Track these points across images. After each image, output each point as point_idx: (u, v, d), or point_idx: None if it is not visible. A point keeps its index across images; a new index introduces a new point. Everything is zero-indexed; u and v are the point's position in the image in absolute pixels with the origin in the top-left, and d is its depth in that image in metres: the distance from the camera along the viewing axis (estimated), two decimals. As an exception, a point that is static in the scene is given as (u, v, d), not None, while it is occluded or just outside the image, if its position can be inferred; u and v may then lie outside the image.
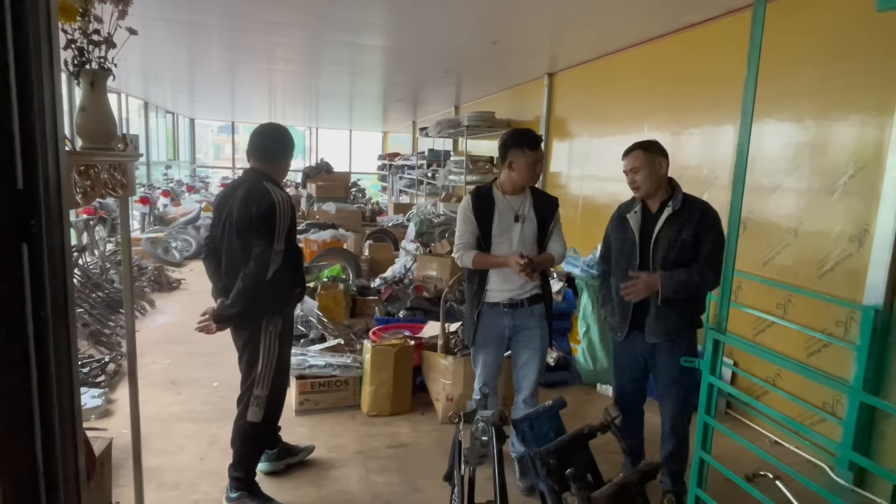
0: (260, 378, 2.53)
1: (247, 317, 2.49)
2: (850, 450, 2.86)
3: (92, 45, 1.60)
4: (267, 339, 2.52)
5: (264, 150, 2.58)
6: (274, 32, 5.51)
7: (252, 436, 2.61)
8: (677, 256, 2.49)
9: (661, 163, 2.54)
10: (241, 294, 2.40)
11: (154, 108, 12.68)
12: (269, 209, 2.40)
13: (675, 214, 2.51)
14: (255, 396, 2.54)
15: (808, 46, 3.33)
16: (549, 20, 4.54)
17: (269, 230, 2.39)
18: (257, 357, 2.52)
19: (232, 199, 2.49)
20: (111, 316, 5.04)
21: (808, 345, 3.28)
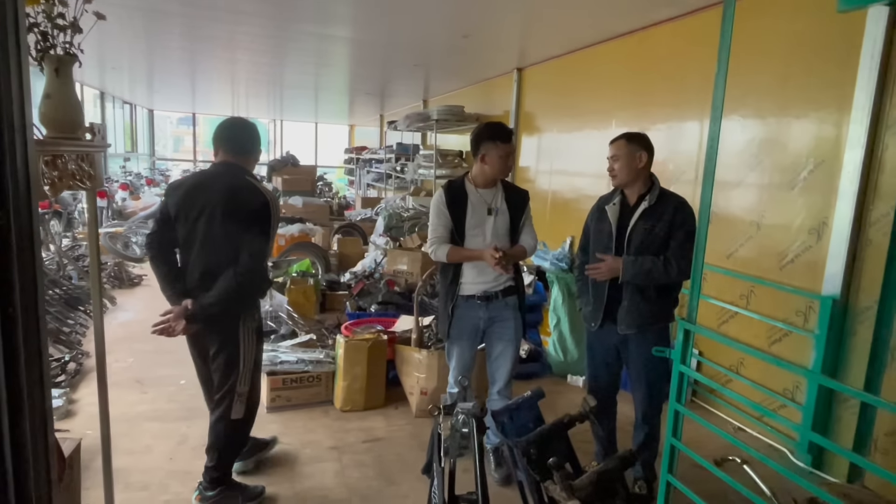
0: (242, 375, 2.50)
1: (227, 314, 2.43)
2: (810, 430, 2.98)
3: (56, 29, 1.53)
4: (246, 336, 2.49)
5: (240, 144, 2.53)
6: (237, 21, 5.37)
7: (237, 433, 2.60)
8: (650, 251, 2.55)
9: (640, 156, 2.59)
10: (231, 291, 2.34)
11: (111, 98, 12.24)
12: (264, 207, 2.39)
13: (651, 209, 2.56)
14: (238, 394, 2.51)
15: (769, 45, 3.43)
16: (520, 14, 4.56)
17: (265, 228, 2.38)
18: (237, 354, 2.47)
19: (210, 192, 2.40)
20: (69, 313, 4.86)
21: (770, 334, 3.40)
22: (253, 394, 2.61)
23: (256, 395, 2.69)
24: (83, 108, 1.68)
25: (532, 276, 4.97)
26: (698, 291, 2.27)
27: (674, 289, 2.68)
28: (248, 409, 2.58)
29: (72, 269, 5.78)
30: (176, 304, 2.43)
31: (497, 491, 2.80)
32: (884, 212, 2.74)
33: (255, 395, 2.65)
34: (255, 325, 2.56)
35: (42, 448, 1.24)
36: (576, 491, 1.41)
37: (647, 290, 2.58)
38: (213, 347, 2.51)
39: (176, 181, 2.65)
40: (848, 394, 2.85)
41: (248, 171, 2.53)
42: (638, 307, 2.60)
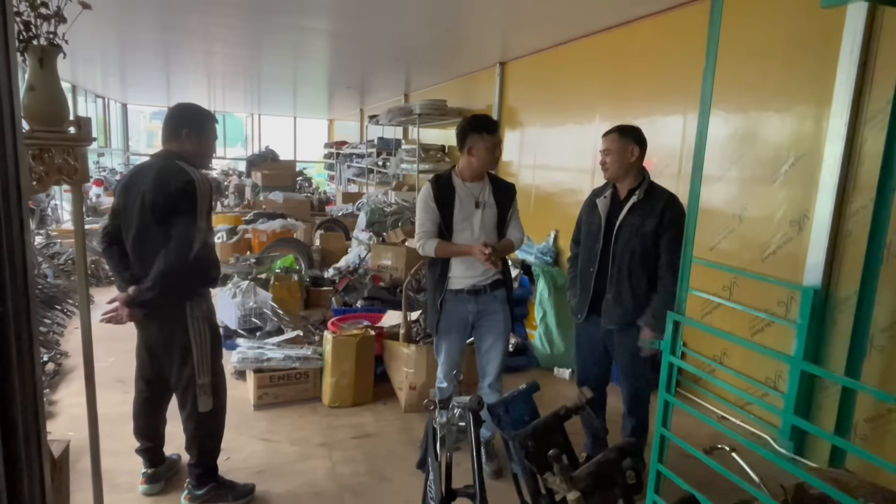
0: (199, 366, 2.44)
1: (169, 302, 2.37)
2: (793, 415, 3.05)
3: (40, 18, 1.48)
4: (196, 325, 2.43)
5: (174, 129, 2.44)
6: (212, 12, 5.25)
7: (207, 425, 2.54)
8: (637, 247, 2.57)
9: (632, 150, 2.60)
10: (164, 275, 2.28)
11: (83, 91, 11.92)
12: (187, 185, 2.30)
13: (639, 204, 2.58)
14: (199, 386, 2.46)
15: (751, 40, 3.48)
16: (502, 9, 4.55)
17: (191, 207, 2.30)
18: (189, 345, 2.42)
19: (143, 182, 2.36)
20: (46, 313, 4.74)
21: (753, 324, 3.47)
22: (218, 382, 2.55)
23: (222, 383, 2.61)
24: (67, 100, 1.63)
25: (518, 270, 4.99)
26: (687, 284, 2.30)
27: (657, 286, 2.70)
28: (216, 398, 2.53)
29: (47, 268, 5.63)
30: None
31: (490, 484, 2.81)
32: (863, 204, 2.81)
33: (220, 382, 2.59)
34: (205, 314, 2.49)
35: (35, 450, 1.21)
36: (576, 482, 1.43)
37: (632, 286, 2.60)
38: (164, 340, 2.46)
39: (124, 174, 2.65)
40: (831, 379, 2.92)
41: (182, 155, 2.42)
42: (621, 303, 2.62)
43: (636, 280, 2.60)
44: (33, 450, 1.21)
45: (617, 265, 2.63)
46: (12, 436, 1.15)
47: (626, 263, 2.60)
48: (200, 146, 2.48)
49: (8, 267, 1.13)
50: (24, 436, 1.18)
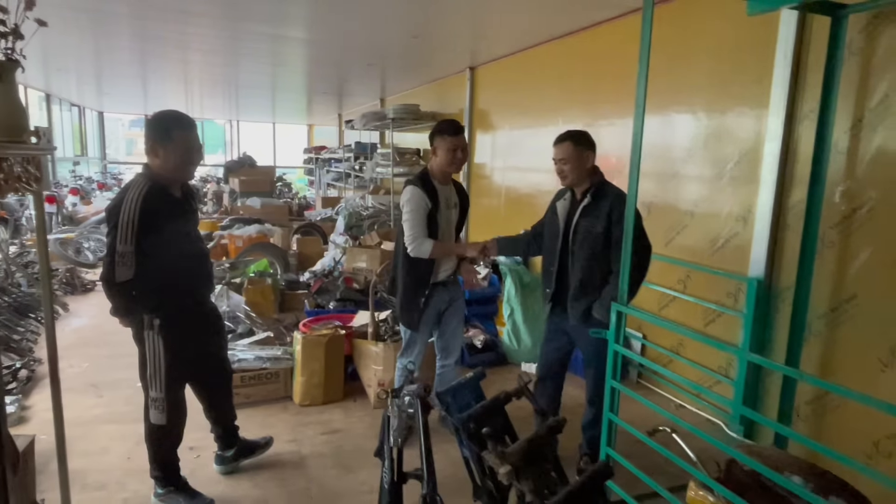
0: (151, 380, 2.44)
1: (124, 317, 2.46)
2: (741, 405, 3.21)
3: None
4: (149, 341, 2.41)
5: (146, 142, 2.40)
6: (187, 22, 5.33)
7: (157, 437, 2.54)
8: (590, 248, 2.68)
9: (588, 156, 2.72)
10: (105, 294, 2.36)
11: (58, 100, 11.87)
12: (115, 206, 2.27)
13: (590, 206, 2.71)
14: (151, 399, 2.46)
15: (698, 45, 3.66)
16: (467, 15, 4.69)
17: (112, 229, 2.26)
18: (145, 358, 2.44)
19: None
20: (20, 321, 4.77)
21: (705, 315, 3.63)
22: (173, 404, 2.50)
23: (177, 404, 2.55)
24: (27, 111, 1.72)
25: (487, 269, 5.12)
26: (628, 274, 2.44)
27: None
28: (168, 417, 2.48)
29: (21, 277, 5.65)
30: None
31: (448, 468, 2.92)
32: (799, 198, 2.97)
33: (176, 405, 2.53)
34: (161, 329, 2.40)
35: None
36: (508, 457, 1.55)
37: (590, 283, 2.72)
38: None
39: None
40: (771, 368, 3.08)
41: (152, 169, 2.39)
42: (580, 299, 2.74)
43: (591, 279, 2.71)
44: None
45: (575, 264, 2.76)
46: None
47: (582, 263, 2.73)
48: (170, 157, 2.35)
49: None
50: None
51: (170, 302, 2.44)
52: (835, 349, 2.88)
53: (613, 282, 2.65)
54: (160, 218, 2.32)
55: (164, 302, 2.42)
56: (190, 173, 2.53)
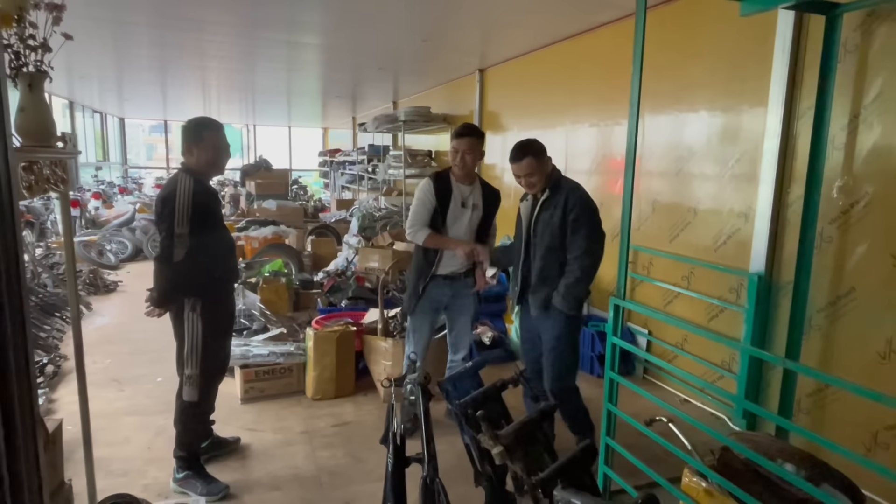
0: (188, 358, 2.67)
1: (169, 299, 2.64)
2: (744, 399, 3.26)
3: (28, 49, 1.71)
4: (189, 321, 2.65)
5: (183, 144, 2.70)
6: (205, 31, 5.52)
7: (189, 414, 2.75)
8: (548, 239, 2.77)
9: (547, 162, 2.84)
10: (154, 276, 2.62)
11: (80, 107, 12.21)
12: (169, 195, 2.54)
13: (547, 200, 2.80)
14: (186, 376, 2.68)
15: (698, 44, 3.72)
16: (475, 19, 4.79)
17: (169, 214, 2.52)
18: (183, 337, 2.67)
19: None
20: (46, 320, 4.96)
21: (708, 311, 3.68)
22: (206, 381, 2.75)
23: (211, 384, 2.81)
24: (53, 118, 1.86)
25: (496, 269, 5.20)
26: (625, 269, 2.52)
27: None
28: (200, 394, 2.72)
29: (47, 277, 5.87)
30: None
31: (454, 458, 3.01)
32: (798, 194, 3.02)
33: (209, 383, 2.78)
34: (202, 311, 2.66)
35: (28, 414, 1.43)
36: (501, 438, 1.64)
37: (548, 274, 2.80)
38: (173, 332, 2.73)
39: None
40: (772, 362, 3.13)
41: (190, 167, 2.65)
42: (540, 290, 2.83)
43: (550, 269, 2.80)
44: (27, 415, 1.43)
45: (535, 256, 2.87)
46: (9, 407, 1.38)
47: (542, 255, 2.83)
48: (202, 155, 2.65)
49: (3, 262, 1.36)
50: (19, 405, 1.41)
51: (209, 287, 2.71)
52: (834, 342, 2.92)
53: (569, 270, 2.74)
54: (206, 205, 2.65)
55: (205, 286, 2.68)
56: (220, 168, 2.80)
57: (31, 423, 1.48)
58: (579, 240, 2.70)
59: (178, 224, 2.51)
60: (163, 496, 2.74)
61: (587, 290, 2.82)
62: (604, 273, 4.72)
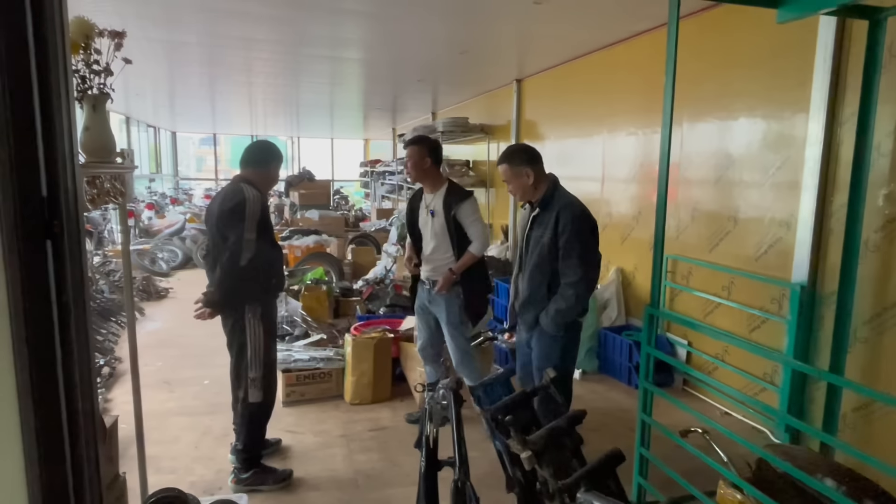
0: (252, 361, 2.81)
1: (230, 303, 2.77)
2: (786, 414, 3.17)
3: (93, 73, 1.87)
4: (251, 325, 2.80)
5: (246, 159, 2.92)
6: (252, 49, 5.77)
7: (258, 415, 2.91)
8: (538, 261, 2.69)
9: (527, 173, 2.70)
10: (220, 280, 2.74)
11: (136, 122, 12.83)
12: (239, 203, 2.72)
13: (538, 216, 2.73)
14: (251, 379, 2.82)
15: (737, 51, 3.67)
16: (512, 30, 4.85)
17: (239, 220, 2.69)
18: (245, 342, 2.80)
19: (214, 201, 2.87)
20: (103, 324, 5.24)
21: (750, 322, 3.61)
22: (268, 381, 2.92)
23: (272, 383, 2.99)
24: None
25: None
26: (659, 279, 2.52)
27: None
28: (264, 394, 2.88)
29: (104, 284, 6.19)
30: None
31: (487, 465, 3.04)
32: (842, 202, 2.94)
33: (270, 382, 2.95)
34: (262, 316, 2.83)
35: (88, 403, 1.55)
36: (529, 443, 1.67)
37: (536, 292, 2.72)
38: (228, 336, 2.87)
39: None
40: (815, 375, 3.04)
41: (249, 179, 2.85)
42: (527, 309, 2.78)
43: (537, 290, 2.72)
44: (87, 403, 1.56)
45: (525, 274, 2.80)
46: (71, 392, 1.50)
47: (529, 274, 2.75)
48: (263, 178, 2.93)
49: (69, 266, 1.49)
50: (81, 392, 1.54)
51: (267, 294, 2.91)
52: (881, 355, 2.83)
53: (560, 293, 2.62)
54: (266, 216, 2.87)
55: (264, 293, 2.88)
56: (272, 186, 3.17)
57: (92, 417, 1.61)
58: (572, 265, 2.57)
59: (247, 230, 2.69)
60: (208, 493, 2.86)
61: (575, 315, 2.68)
62: (641, 282, 4.70)
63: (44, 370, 1.40)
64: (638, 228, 4.76)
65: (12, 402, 1.35)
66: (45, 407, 1.40)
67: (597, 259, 2.70)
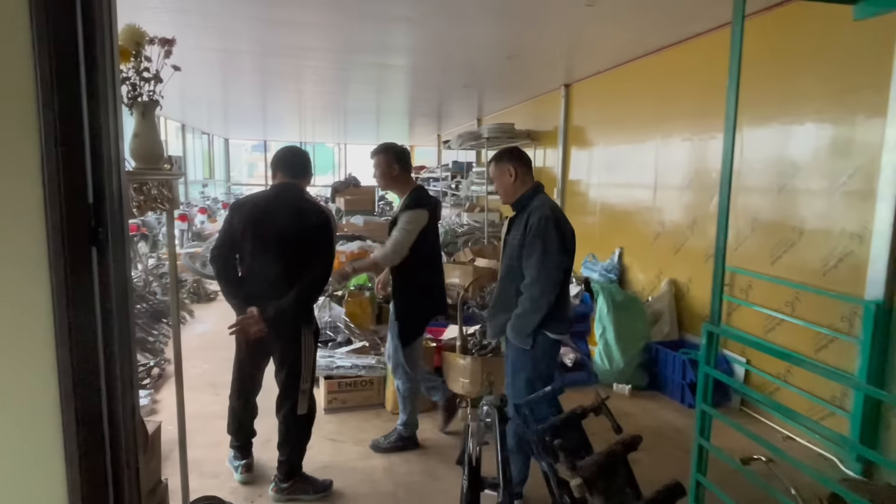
0: (305, 373, 2.79)
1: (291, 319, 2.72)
2: (857, 442, 2.93)
3: (143, 80, 1.88)
4: (305, 340, 2.78)
5: (300, 167, 2.88)
6: (302, 57, 5.86)
7: (306, 426, 2.89)
8: (508, 264, 2.59)
9: (509, 170, 2.61)
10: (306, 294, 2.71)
11: (191, 129, 13.30)
12: (325, 220, 2.75)
13: (514, 219, 2.64)
14: (302, 391, 2.79)
15: (805, 52, 3.45)
16: (562, 34, 4.74)
17: (332, 238, 2.75)
18: (300, 354, 2.77)
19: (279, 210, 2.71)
20: (154, 325, 5.39)
21: (816, 340, 3.36)
22: (313, 392, 2.90)
23: (313, 395, 2.95)
24: (167, 140, 2.03)
25: (579, 287, 5.06)
26: (720, 293, 2.35)
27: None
28: (309, 405, 2.86)
29: (156, 286, 6.38)
30: (241, 311, 2.72)
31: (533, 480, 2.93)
32: (925, 214, 2.71)
33: (313, 393, 2.93)
34: (313, 329, 2.84)
35: (130, 408, 1.54)
36: (580, 469, 1.57)
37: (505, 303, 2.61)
38: (277, 352, 2.82)
39: (239, 200, 2.94)
40: (890, 402, 2.80)
41: (305, 190, 2.88)
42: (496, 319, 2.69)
43: (506, 294, 2.62)
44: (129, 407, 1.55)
45: (499, 278, 2.72)
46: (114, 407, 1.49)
47: (501, 277, 2.67)
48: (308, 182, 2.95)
49: (114, 273, 1.48)
50: (123, 408, 1.53)
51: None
52: (970, 382, 2.57)
53: (520, 300, 2.51)
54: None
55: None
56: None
57: (133, 427, 1.59)
58: (530, 267, 2.46)
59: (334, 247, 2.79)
60: (248, 500, 2.86)
61: (536, 323, 2.47)
62: (696, 295, 4.48)
63: (86, 380, 1.39)
64: (693, 238, 4.54)
65: (55, 412, 1.34)
66: (86, 416, 1.39)
67: (554, 265, 2.46)
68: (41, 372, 1.32)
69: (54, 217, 1.32)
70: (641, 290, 5.17)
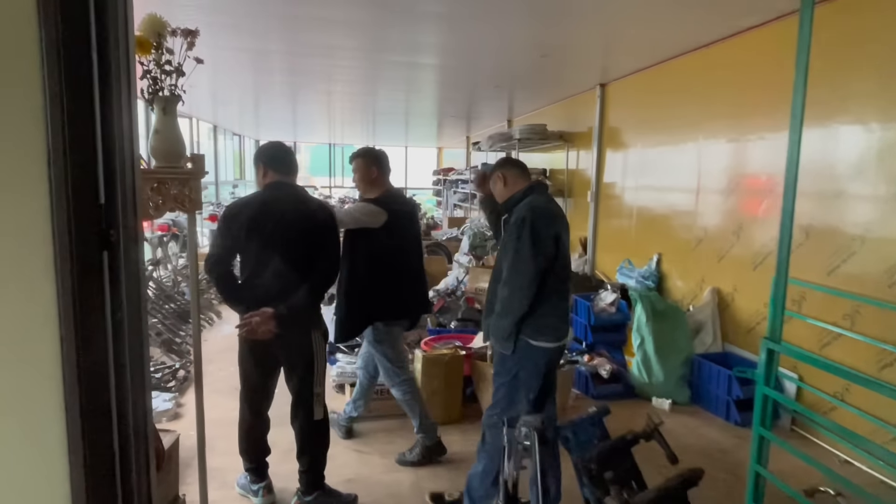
0: (318, 378, 2.69)
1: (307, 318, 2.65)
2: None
3: (164, 74, 1.78)
4: (316, 344, 2.69)
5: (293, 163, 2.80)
6: (333, 56, 5.77)
7: (325, 432, 2.79)
8: (497, 266, 2.58)
9: (500, 177, 2.66)
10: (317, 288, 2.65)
11: (222, 130, 13.42)
12: (331, 217, 2.73)
13: (506, 220, 2.62)
14: (316, 395, 2.69)
15: (867, 47, 3.20)
16: (598, 32, 4.55)
17: (335, 234, 2.71)
18: (313, 358, 2.67)
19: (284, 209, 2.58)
20: (182, 326, 5.36)
21: (880, 357, 3.11)
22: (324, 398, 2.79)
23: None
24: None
25: (615, 295, 4.85)
26: (782, 308, 2.15)
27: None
28: (324, 411, 2.76)
29: (185, 286, 6.38)
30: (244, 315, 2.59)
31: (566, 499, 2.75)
32: None
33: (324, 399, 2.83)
34: (323, 331, 2.75)
35: (143, 433, 1.43)
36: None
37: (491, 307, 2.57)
38: (287, 356, 2.68)
39: (232, 208, 2.71)
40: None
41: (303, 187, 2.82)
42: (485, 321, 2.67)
43: (492, 297, 2.58)
44: (141, 432, 1.44)
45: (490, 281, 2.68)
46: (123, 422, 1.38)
47: (492, 280, 2.63)
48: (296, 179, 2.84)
49: (126, 280, 1.37)
50: (134, 423, 1.41)
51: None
52: None
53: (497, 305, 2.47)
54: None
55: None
56: None
57: (146, 445, 1.47)
58: (504, 269, 2.45)
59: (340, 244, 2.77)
60: (271, 513, 2.75)
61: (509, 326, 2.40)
62: (741, 305, 4.23)
63: (94, 396, 1.28)
64: (738, 245, 4.29)
65: (60, 429, 1.23)
66: (94, 435, 1.28)
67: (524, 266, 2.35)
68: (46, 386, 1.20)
69: (60, 218, 1.21)
70: (681, 298, 4.92)
